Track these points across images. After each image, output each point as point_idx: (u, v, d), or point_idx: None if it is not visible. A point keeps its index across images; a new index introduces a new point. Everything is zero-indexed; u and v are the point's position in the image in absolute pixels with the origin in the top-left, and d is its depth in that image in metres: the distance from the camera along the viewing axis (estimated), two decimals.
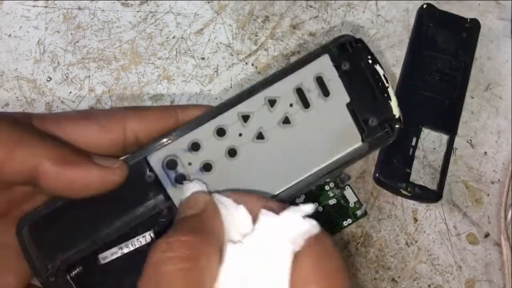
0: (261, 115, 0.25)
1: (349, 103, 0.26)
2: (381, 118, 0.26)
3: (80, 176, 0.22)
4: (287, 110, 0.25)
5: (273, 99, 0.25)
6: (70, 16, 0.42)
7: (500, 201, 0.39)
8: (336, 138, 0.26)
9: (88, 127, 0.23)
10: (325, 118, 0.26)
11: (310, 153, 0.26)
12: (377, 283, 0.37)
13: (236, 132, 0.25)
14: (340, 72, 0.26)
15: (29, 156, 0.21)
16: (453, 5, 0.43)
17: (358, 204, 0.38)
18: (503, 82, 0.42)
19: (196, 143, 0.25)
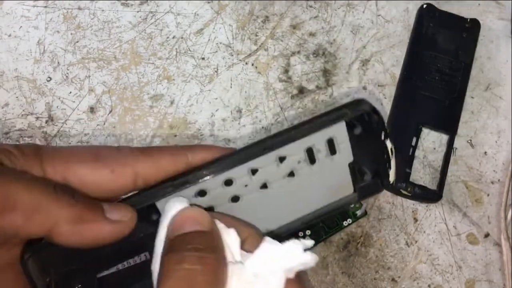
0: (269, 170, 0.26)
1: (352, 162, 0.27)
2: (374, 174, 0.28)
3: (93, 233, 0.22)
4: (295, 166, 0.26)
5: (283, 156, 0.26)
6: (70, 16, 0.42)
7: (500, 201, 0.38)
8: (332, 189, 0.28)
9: (98, 172, 0.24)
10: (327, 173, 0.27)
11: (306, 200, 0.27)
12: (377, 283, 0.37)
13: (243, 183, 0.26)
14: (350, 135, 0.26)
15: (46, 219, 0.21)
16: (453, 5, 0.43)
17: (358, 204, 0.38)
18: (503, 82, 0.42)
19: (203, 191, 0.25)
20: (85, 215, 0.22)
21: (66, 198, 0.22)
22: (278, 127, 0.40)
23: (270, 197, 0.27)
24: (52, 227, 0.21)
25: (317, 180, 0.27)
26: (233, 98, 0.40)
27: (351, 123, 0.26)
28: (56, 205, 0.21)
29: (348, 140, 0.26)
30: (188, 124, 0.39)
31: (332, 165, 0.27)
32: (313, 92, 0.41)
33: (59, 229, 0.21)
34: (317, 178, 0.27)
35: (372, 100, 0.41)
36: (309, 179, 0.27)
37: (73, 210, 0.22)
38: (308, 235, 0.37)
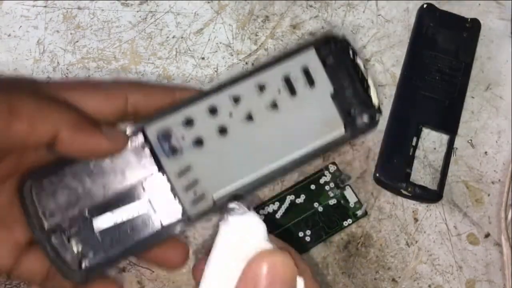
0: (251, 98, 0.27)
1: (333, 93, 0.28)
2: (362, 109, 0.29)
3: (91, 142, 0.24)
4: (275, 96, 0.28)
5: (262, 84, 0.28)
6: (70, 16, 0.42)
7: (500, 201, 0.38)
8: (320, 126, 0.28)
9: (95, 96, 0.26)
10: (310, 106, 0.28)
11: (295, 137, 0.28)
12: (377, 283, 0.37)
13: (227, 111, 0.27)
14: (325, 65, 0.28)
15: (50, 126, 0.23)
16: (454, 5, 0.43)
17: (358, 204, 0.38)
18: (503, 82, 0.42)
19: (190, 119, 0.27)
20: (84, 124, 0.24)
21: (65, 107, 0.24)
22: None
23: (258, 131, 0.28)
24: (55, 134, 0.23)
25: (302, 114, 0.28)
26: None
27: (322, 55, 0.28)
28: (58, 111, 0.23)
29: (322, 69, 0.28)
30: None
31: (314, 96, 0.28)
32: None
33: (61, 136, 0.23)
34: (301, 111, 0.28)
35: None
36: (294, 112, 0.28)
37: (73, 117, 0.24)
38: (308, 235, 0.37)
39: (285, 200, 0.37)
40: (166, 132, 0.27)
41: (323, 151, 0.29)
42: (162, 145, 0.27)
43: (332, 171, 0.38)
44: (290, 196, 0.37)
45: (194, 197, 0.27)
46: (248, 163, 0.27)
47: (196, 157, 0.27)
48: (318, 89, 0.28)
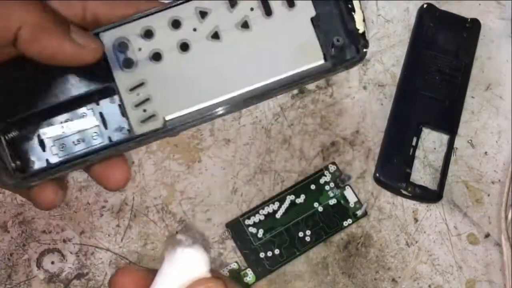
0: (220, 14, 0.25)
1: (315, 17, 0.25)
2: (346, 39, 0.25)
3: (53, 46, 0.22)
4: (247, 14, 0.25)
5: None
6: None
7: (500, 201, 0.38)
8: (297, 52, 0.25)
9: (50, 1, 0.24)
10: (286, 29, 0.25)
11: (266, 63, 0.25)
12: (378, 283, 0.37)
13: (191, 26, 0.25)
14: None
15: (11, 22, 0.22)
16: (454, 5, 0.43)
17: (358, 204, 0.38)
18: (503, 82, 0.42)
19: (149, 30, 0.25)
20: (48, 25, 0.22)
21: (32, 4, 0.22)
22: (278, 127, 0.40)
23: (223, 52, 0.25)
24: (17, 30, 0.21)
25: (277, 38, 0.25)
26: None
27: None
28: (20, 8, 0.22)
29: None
30: None
31: (292, 19, 0.25)
32: (313, 92, 0.41)
33: (21, 33, 0.22)
34: (276, 34, 0.25)
35: (372, 100, 0.41)
36: (267, 35, 0.25)
37: (38, 16, 0.22)
38: (308, 235, 0.37)
39: (285, 200, 0.37)
40: (122, 42, 0.25)
41: (298, 81, 0.25)
42: (117, 55, 0.25)
43: (332, 171, 0.38)
44: (290, 196, 0.37)
45: (144, 115, 0.24)
46: (208, 87, 0.25)
47: (152, 73, 0.24)
48: (297, 11, 0.25)
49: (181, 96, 0.25)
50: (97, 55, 0.23)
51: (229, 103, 0.25)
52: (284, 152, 0.39)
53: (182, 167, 0.38)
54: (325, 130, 0.40)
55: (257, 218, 0.37)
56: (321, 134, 0.40)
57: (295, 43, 0.25)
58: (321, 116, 0.40)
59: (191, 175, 0.38)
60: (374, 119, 0.40)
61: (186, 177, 0.38)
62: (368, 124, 0.40)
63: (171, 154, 0.39)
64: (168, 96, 0.25)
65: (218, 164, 0.38)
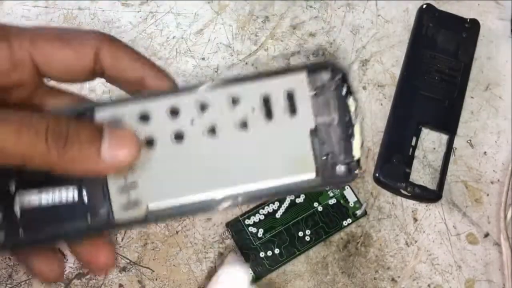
0: (220, 110, 0.24)
1: (313, 130, 0.24)
2: (341, 157, 0.25)
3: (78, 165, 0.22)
4: (248, 113, 0.24)
5: (237, 98, 0.24)
6: (71, 17, 0.42)
7: (499, 201, 0.39)
8: (291, 161, 0.24)
9: (62, 51, 0.23)
10: (284, 136, 0.24)
11: (258, 167, 0.24)
12: (377, 283, 0.37)
13: (190, 117, 0.24)
14: (313, 95, 0.24)
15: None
16: (453, 5, 0.43)
17: (358, 204, 0.38)
18: (502, 82, 0.42)
19: (146, 114, 0.24)
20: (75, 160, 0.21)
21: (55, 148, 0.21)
22: None
23: (217, 148, 0.24)
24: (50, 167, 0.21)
25: (273, 143, 0.24)
26: None
27: (314, 82, 0.24)
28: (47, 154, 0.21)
29: (309, 100, 0.24)
30: None
31: (290, 127, 0.24)
32: None
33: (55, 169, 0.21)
34: (272, 139, 0.24)
35: (372, 100, 0.41)
36: (263, 139, 0.24)
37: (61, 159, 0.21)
38: (308, 235, 0.37)
39: (285, 199, 0.37)
40: (116, 122, 0.24)
41: (287, 192, 0.25)
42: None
43: None
44: (290, 196, 0.37)
45: (127, 201, 0.23)
46: (197, 181, 0.24)
47: (142, 158, 0.23)
48: (297, 120, 0.24)
49: (168, 187, 0.24)
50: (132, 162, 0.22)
51: (213, 201, 0.24)
52: None
53: None
54: None
55: (257, 217, 0.37)
56: None
57: (290, 151, 0.24)
58: None
59: None
60: (374, 119, 0.40)
61: None
62: (368, 124, 0.40)
63: None
64: (155, 185, 0.24)
65: None
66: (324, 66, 0.24)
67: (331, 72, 0.25)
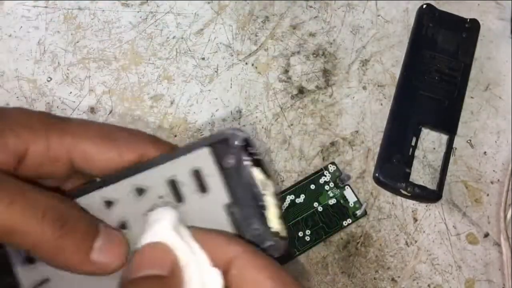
0: (126, 204, 0.23)
1: (229, 204, 0.23)
2: (261, 231, 0.23)
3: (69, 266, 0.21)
4: (156, 202, 0.23)
5: (141, 188, 0.23)
6: (71, 16, 0.42)
7: (499, 201, 0.39)
8: None
9: (106, 154, 0.23)
10: (199, 216, 0.23)
11: None
12: (377, 283, 0.37)
13: (97, 215, 0.23)
14: (221, 169, 0.23)
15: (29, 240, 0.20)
16: (453, 6, 0.43)
17: (357, 204, 0.38)
18: (502, 82, 0.42)
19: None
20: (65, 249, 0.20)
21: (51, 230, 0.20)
22: (278, 127, 0.40)
23: (132, 242, 0.22)
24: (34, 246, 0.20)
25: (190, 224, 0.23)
26: (233, 98, 0.40)
27: (220, 156, 0.23)
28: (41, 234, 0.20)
29: (218, 173, 0.23)
30: (188, 124, 0.40)
31: (204, 206, 0.23)
32: (313, 92, 0.41)
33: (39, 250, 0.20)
34: (188, 221, 0.23)
35: (372, 100, 0.41)
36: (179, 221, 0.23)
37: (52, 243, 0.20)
38: (308, 235, 0.37)
39: (285, 199, 0.37)
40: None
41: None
42: (19, 252, 0.22)
43: (331, 171, 0.38)
44: (290, 196, 0.38)
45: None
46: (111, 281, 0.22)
47: (55, 269, 0.21)
48: (210, 198, 0.23)
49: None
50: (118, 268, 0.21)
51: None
52: (284, 152, 0.39)
53: None
54: (325, 130, 0.40)
55: None
56: (320, 134, 0.40)
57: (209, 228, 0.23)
58: (321, 116, 0.40)
59: None
60: (374, 119, 0.40)
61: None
62: (368, 124, 0.40)
63: None
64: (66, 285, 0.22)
65: None
66: (225, 139, 0.23)
67: (235, 141, 0.23)
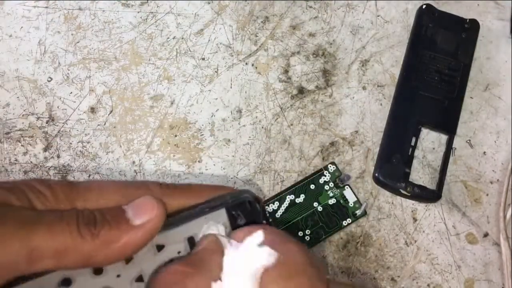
0: (145, 259, 0.24)
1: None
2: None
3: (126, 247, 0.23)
4: (174, 256, 0.25)
5: (161, 244, 0.24)
6: (71, 17, 0.42)
7: (499, 200, 0.39)
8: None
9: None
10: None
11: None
12: (377, 283, 0.37)
13: (115, 272, 0.24)
14: (234, 225, 0.26)
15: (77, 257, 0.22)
16: (452, 6, 0.43)
17: (357, 203, 0.38)
18: (502, 82, 0.42)
19: (68, 279, 0.23)
20: (112, 237, 0.22)
21: (89, 233, 0.22)
22: (278, 127, 0.40)
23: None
24: (87, 260, 0.22)
25: None
26: (233, 98, 0.40)
27: (233, 213, 0.26)
28: (82, 242, 0.22)
29: (230, 229, 0.25)
30: (188, 124, 0.40)
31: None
32: (312, 92, 0.41)
33: (93, 260, 0.22)
34: None
35: (371, 100, 0.41)
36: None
37: (99, 240, 0.22)
38: (308, 235, 0.37)
39: (285, 199, 0.37)
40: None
41: None
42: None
43: (331, 171, 0.38)
44: (290, 196, 0.38)
45: None
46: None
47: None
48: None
49: None
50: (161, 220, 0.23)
51: None
52: (283, 152, 0.39)
53: (182, 167, 0.38)
54: (325, 130, 0.40)
55: None
56: (320, 134, 0.40)
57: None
58: (321, 116, 0.40)
59: (192, 175, 0.38)
60: (373, 119, 0.40)
61: (187, 177, 0.38)
62: (367, 124, 0.40)
63: (171, 154, 0.39)
64: None
65: (218, 164, 0.39)
66: (242, 200, 0.26)
67: (249, 204, 0.26)
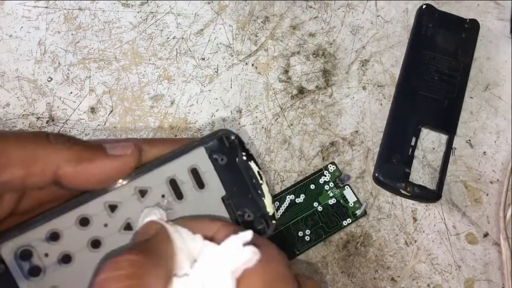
0: (130, 206, 0.24)
1: (225, 196, 0.26)
2: (256, 214, 0.26)
3: (97, 171, 0.23)
4: (158, 201, 0.25)
5: (143, 189, 0.25)
6: (71, 17, 0.42)
7: (499, 200, 0.39)
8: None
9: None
10: (199, 210, 0.26)
11: None
12: (377, 283, 0.37)
13: (102, 222, 0.24)
14: (216, 165, 0.26)
15: (46, 166, 0.22)
16: (453, 6, 0.43)
17: (357, 203, 0.38)
18: (502, 82, 0.42)
19: (55, 232, 0.23)
20: (84, 154, 0.23)
21: (60, 142, 0.22)
22: (278, 127, 0.40)
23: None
24: (56, 172, 0.22)
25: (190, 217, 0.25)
26: (233, 98, 0.40)
27: (213, 154, 0.26)
28: (52, 150, 0.22)
29: (213, 170, 0.26)
30: (188, 124, 0.40)
31: (203, 201, 0.25)
32: (312, 92, 0.41)
33: (63, 172, 0.22)
34: (189, 215, 0.25)
35: (371, 100, 0.41)
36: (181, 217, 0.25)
37: (71, 152, 0.22)
38: (308, 235, 0.37)
39: (285, 199, 0.37)
40: (25, 250, 0.23)
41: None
42: (21, 265, 0.23)
43: (331, 171, 0.38)
44: (289, 196, 0.38)
45: None
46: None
47: (63, 276, 0.23)
48: (208, 192, 0.26)
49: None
50: (136, 158, 0.24)
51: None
52: (283, 152, 0.39)
53: None
54: (325, 130, 0.40)
55: None
56: (320, 134, 0.40)
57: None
58: (321, 116, 0.40)
59: None
60: (373, 119, 0.40)
61: None
62: (367, 124, 0.40)
63: None
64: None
65: None
66: (218, 137, 0.26)
67: (227, 141, 0.26)
